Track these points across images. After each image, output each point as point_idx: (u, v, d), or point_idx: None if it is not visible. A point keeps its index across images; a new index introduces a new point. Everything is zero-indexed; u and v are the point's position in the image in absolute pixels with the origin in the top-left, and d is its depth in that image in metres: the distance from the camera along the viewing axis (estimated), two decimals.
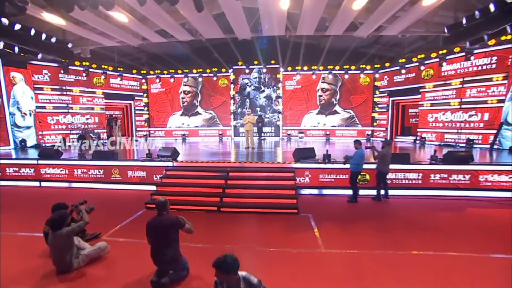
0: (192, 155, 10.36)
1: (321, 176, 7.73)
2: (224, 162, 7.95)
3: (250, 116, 11.04)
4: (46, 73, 13.13)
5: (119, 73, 15.74)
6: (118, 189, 8.31)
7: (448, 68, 12.25)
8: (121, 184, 8.34)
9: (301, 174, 7.68)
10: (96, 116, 15.02)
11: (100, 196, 7.79)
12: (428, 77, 13.68)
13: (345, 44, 14.89)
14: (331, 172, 7.69)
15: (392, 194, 7.36)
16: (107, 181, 8.43)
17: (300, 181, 7.56)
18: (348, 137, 16.27)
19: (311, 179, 7.75)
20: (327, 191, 7.72)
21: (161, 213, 3.71)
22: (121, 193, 8.05)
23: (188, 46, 16.04)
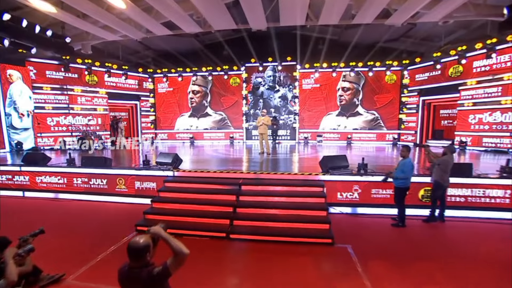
0: (198, 162, 8.88)
1: (355, 191, 6.08)
2: (235, 172, 6.41)
3: (264, 117, 9.49)
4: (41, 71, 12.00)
5: (124, 72, 14.54)
6: (109, 202, 6.91)
7: (487, 62, 10.32)
8: (113, 196, 6.94)
9: (331, 189, 6.04)
10: (99, 117, 13.84)
11: (85, 211, 6.42)
12: (456, 75, 11.79)
13: (368, 38, 13.18)
14: (369, 187, 6.02)
15: (448, 216, 5.62)
16: (97, 192, 7.06)
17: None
18: (371, 141, 14.47)
19: (342, 195, 6.11)
20: (363, 210, 6.05)
21: (139, 263, 2.10)
22: (111, 207, 6.64)
23: (197, 43, 14.72)
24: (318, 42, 14.45)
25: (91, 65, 12.92)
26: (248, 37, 14.24)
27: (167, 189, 6.14)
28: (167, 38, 13.27)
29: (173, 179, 6.46)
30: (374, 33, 12.67)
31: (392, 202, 5.87)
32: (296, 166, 7.74)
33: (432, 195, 5.47)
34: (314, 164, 7.78)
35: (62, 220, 5.87)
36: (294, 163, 8.36)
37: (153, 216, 5.41)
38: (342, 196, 6.09)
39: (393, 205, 5.79)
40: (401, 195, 5.17)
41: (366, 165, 6.21)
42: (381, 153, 10.75)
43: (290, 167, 7.68)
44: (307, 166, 7.68)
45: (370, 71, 13.94)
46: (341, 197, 6.08)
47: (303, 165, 7.91)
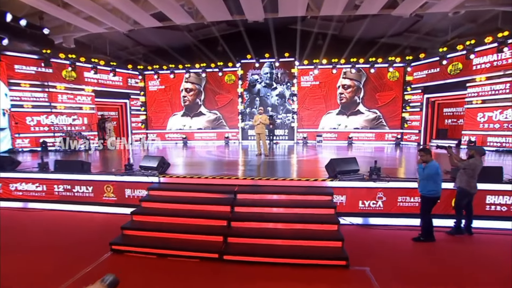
0: (189, 165, 7.99)
1: (367, 198, 5.28)
2: (230, 178, 5.55)
3: (262, 116, 8.65)
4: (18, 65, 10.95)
5: (112, 68, 13.55)
6: (86, 212, 6.00)
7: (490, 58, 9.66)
8: (90, 206, 6.03)
9: (340, 196, 5.24)
10: (85, 117, 12.83)
11: (57, 223, 5.50)
12: (455, 72, 11.18)
13: (370, 33, 12.43)
14: (384, 194, 5.23)
15: (476, 227, 4.86)
16: (73, 201, 6.15)
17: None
18: (373, 141, 13.74)
19: (352, 203, 5.31)
20: (376, 220, 5.26)
21: None
22: (88, 218, 5.73)
23: (190, 38, 13.80)
24: (317, 38, 13.69)
25: (75, 60, 11.91)
26: (243, 32, 13.41)
27: (150, 199, 5.26)
28: (157, 33, 12.37)
29: (158, 187, 5.58)
30: (376, 27, 11.94)
31: (404, 211, 5.14)
32: (297, 170, 6.91)
33: (456, 204, 4.69)
34: (318, 167, 7.00)
35: (27, 235, 4.97)
36: (295, 166, 7.53)
37: (133, 232, 4.54)
38: (356, 205, 5.29)
39: (406, 215, 5.07)
40: (428, 206, 4.38)
41: (379, 169, 5.42)
42: (386, 154, 9.99)
43: (291, 171, 6.85)
44: (310, 170, 6.86)
45: (371, 68, 13.20)
46: (352, 206, 5.29)
47: (306, 168, 7.09)
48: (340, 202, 5.23)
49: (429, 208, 4.38)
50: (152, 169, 5.91)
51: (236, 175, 5.77)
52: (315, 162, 7.99)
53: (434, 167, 4.34)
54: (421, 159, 4.52)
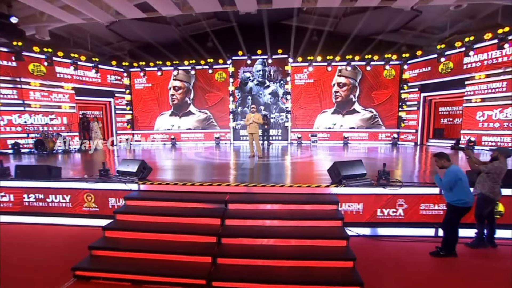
0: (174, 169, 7.20)
1: (377, 207, 4.66)
2: (220, 184, 4.82)
3: (254, 115, 7.95)
4: None
5: (94, 64, 12.56)
6: (61, 225, 5.15)
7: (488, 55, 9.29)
8: (57, 217, 5.18)
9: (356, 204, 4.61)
10: (65, 116, 11.81)
11: (16, 239, 4.62)
12: (446, 71, 10.88)
13: (366, 29, 11.94)
14: (394, 201, 4.62)
15: (499, 237, 4.30)
16: (45, 213, 5.28)
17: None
18: (369, 141, 13.26)
19: (360, 211, 4.68)
20: (386, 231, 4.64)
21: None
22: (53, 232, 4.88)
23: (178, 33, 12.97)
24: (311, 34, 13.11)
25: (52, 55, 10.87)
26: (235, 27, 12.69)
27: (127, 210, 4.47)
28: (143, 27, 11.51)
29: (137, 195, 4.79)
30: (372, 24, 11.44)
31: (422, 220, 4.55)
32: (295, 175, 6.23)
33: (478, 213, 4.11)
34: (317, 170, 6.36)
35: None
36: (292, 169, 6.86)
37: (103, 252, 3.75)
38: (358, 212, 4.65)
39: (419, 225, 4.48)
40: (456, 217, 3.77)
41: (389, 173, 4.80)
42: (385, 155, 9.45)
43: (288, 175, 6.16)
44: (309, 174, 6.20)
45: (367, 65, 12.69)
46: (357, 211, 4.65)
47: (304, 172, 6.42)
48: (356, 210, 4.60)
49: (457, 219, 3.77)
50: (131, 174, 5.12)
51: (227, 181, 5.04)
52: (313, 165, 7.34)
53: (453, 173, 3.74)
54: (437, 165, 3.92)
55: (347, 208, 4.65)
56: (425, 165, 7.50)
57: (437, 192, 4.54)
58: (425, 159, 8.69)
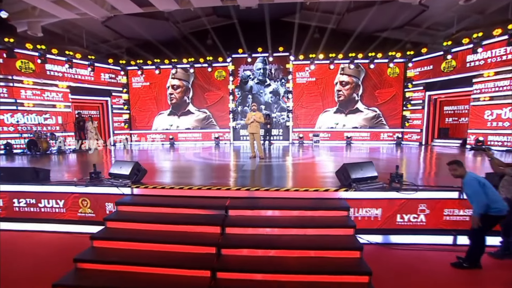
0: (171, 171, 6.82)
1: (389, 212, 4.29)
2: (220, 188, 4.44)
3: (255, 113, 7.58)
4: None
5: (90, 62, 12.16)
6: (38, 232, 4.76)
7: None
8: (43, 224, 4.79)
9: (356, 210, 4.24)
10: (59, 116, 11.41)
11: None
12: (449, 70, 10.57)
13: (370, 26, 11.57)
14: (411, 206, 4.25)
15: None
16: (21, 218, 4.89)
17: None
18: (373, 141, 12.90)
19: (375, 217, 4.31)
20: (399, 238, 4.26)
21: None
22: (40, 241, 4.49)
23: (176, 30, 12.59)
24: (313, 31, 12.74)
25: (45, 52, 10.47)
26: (235, 24, 12.34)
27: (118, 217, 4.08)
28: (141, 23, 11.13)
29: (130, 200, 4.41)
30: (376, 20, 11.07)
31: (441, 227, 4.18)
32: (299, 177, 5.85)
33: (505, 220, 3.73)
34: (322, 172, 5.98)
35: None
36: (296, 171, 6.48)
37: (90, 265, 3.36)
38: (375, 221, 4.28)
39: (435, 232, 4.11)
40: (487, 226, 3.38)
41: (402, 176, 4.43)
42: (392, 156, 9.09)
43: (291, 178, 5.79)
44: (314, 176, 5.82)
45: (371, 63, 12.34)
46: (369, 217, 4.28)
47: (309, 174, 6.04)
48: (368, 216, 4.24)
49: (487, 229, 3.39)
50: (124, 177, 4.73)
51: (227, 185, 4.66)
52: (318, 166, 6.97)
53: (475, 181, 3.36)
54: (453, 174, 3.55)
55: (358, 214, 4.28)
56: (437, 167, 7.13)
57: (455, 197, 4.18)
58: (434, 160, 8.31)
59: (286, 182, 5.12)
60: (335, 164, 7.13)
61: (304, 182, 5.00)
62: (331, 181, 4.87)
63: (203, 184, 4.72)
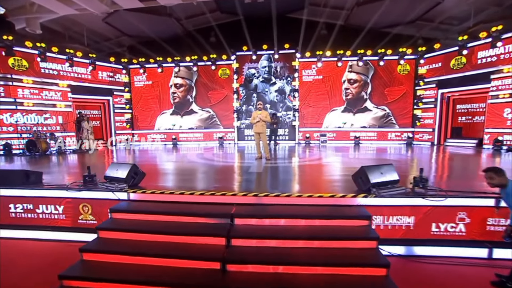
0: (172, 174, 6.41)
1: (413, 220, 3.82)
2: (224, 193, 4.01)
3: (261, 112, 7.15)
4: None
5: (91, 61, 11.86)
6: (27, 240, 4.37)
7: None
8: (32, 231, 4.41)
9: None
10: (60, 115, 11.11)
11: None
12: (458, 67, 10.02)
13: (379, 22, 11.06)
14: (440, 214, 3.77)
15: None
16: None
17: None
18: (382, 141, 12.39)
19: (394, 227, 3.85)
20: (424, 250, 3.79)
21: None
22: (28, 250, 4.10)
23: (179, 27, 12.22)
24: (321, 27, 12.25)
25: (45, 50, 10.17)
26: (239, 21, 11.91)
27: (112, 226, 3.68)
28: (142, 20, 10.78)
29: (126, 207, 4.01)
30: (388, 15, 10.55)
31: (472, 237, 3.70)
32: (311, 180, 5.38)
33: None
34: (335, 175, 5.52)
35: None
36: (306, 174, 6.02)
37: (78, 283, 2.96)
38: (398, 230, 3.82)
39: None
40: None
41: (426, 180, 3.96)
42: (405, 157, 8.59)
43: (302, 181, 5.33)
44: (327, 179, 5.36)
45: (380, 60, 11.81)
46: (385, 225, 3.82)
47: (320, 177, 5.58)
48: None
49: None
50: (120, 181, 4.34)
51: (232, 190, 4.23)
52: (329, 169, 6.50)
53: None
54: (489, 183, 3.03)
55: (378, 222, 3.82)
56: (460, 169, 6.63)
57: (491, 204, 3.69)
58: (453, 161, 7.78)
59: (296, 187, 4.68)
60: (346, 166, 6.66)
61: (316, 187, 4.55)
62: (346, 186, 4.42)
63: (206, 188, 4.30)
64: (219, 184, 4.77)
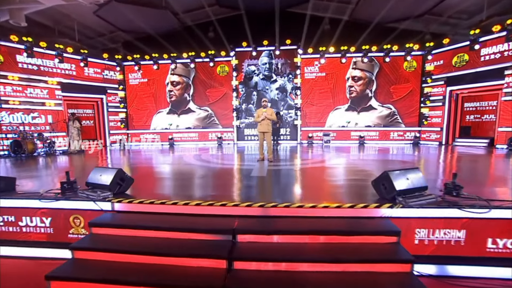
0: (165, 179, 5.79)
1: (447, 233, 3.24)
2: (224, 204, 3.39)
3: (267, 110, 6.55)
4: None
5: (83, 57, 11.20)
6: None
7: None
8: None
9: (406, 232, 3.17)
10: (50, 115, 10.44)
11: None
12: (461, 64, 9.55)
13: (385, 16, 10.49)
14: (477, 227, 3.18)
15: None
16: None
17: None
18: (388, 141, 11.84)
19: (423, 242, 3.26)
20: (461, 270, 3.20)
21: None
22: None
23: (176, 22, 11.59)
24: (324, 22, 11.67)
25: (32, 44, 9.50)
26: (238, 16, 11.31)
27: (90, 245, 3.05)
28: (136, 13, 10.13)
29: (110, 220, 3.38)
30: (395, 9, 9.99)
31: None
32: (321, 186, 4.78)
33: None
34: (347, 180, 4.91)
35: None
36: (314, 178, 5.41)
37: None
38: (428, 246, 3.23)
39: None
40: None
41: (460, 187, 3.38)
42: (417, 158, 8.02)
43: (312, 187, 4.73)
44: (338, 185, 4.76)
45: (386, 57, 11.25)
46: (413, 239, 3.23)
47: (330, 182, 4.98)
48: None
49: None
50: (103, 188, 3.72)
51: (234, 199, 3.62)
52: (338, 172, 5.90)
53: None
54: None
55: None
56: (483, 173, 6.05)
57: None
58: (473, 163, 7.19)
59: (306, 194, 4.08)
60: (357, 169, 6.08)
61: (328, 194, 3.96)
62: (362, 193, 3.84)
63: (203, 197, 3.69)
64: (218, 191, 4.15)
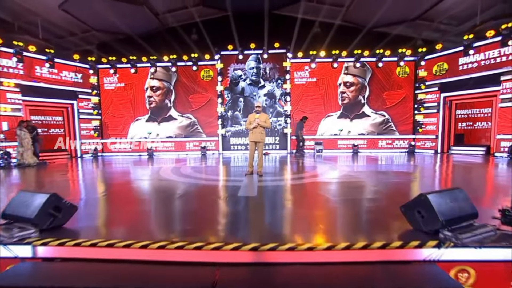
0: (125, 204, 4.60)
1: None
2: (200, 247, 2.30)
3: (260, 115, 5.57)
4: None
5: (48, 57, 9.87)
6: None
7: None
8: None
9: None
10: (4, 121, 8.96)
11: None
12: (440, 73, 9.25)
13: (377, 20, 9.98)
14: None
15: None
16: None
17: None
18: (382, 149, 11.17)
19: None
20: None
21: None
22: None
23: (157, 23, 10.57)
24: (314, 25, 11.02)
25: None
26: (224, 17, 10.47)
27: None
28: (108, 8, 9.02)
29: (27, 275, 2.20)
30: (387, 12, 9.48)
31: None
32: (329, 212, 3.77)
33: None
34: (359, 198, 3.93)
35: None
36: (317, 198, 4.41)
37: None
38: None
39: None
40: None
41: None
42: (420, 169, 7.27)
43: (319, 214, 3.71)
44: (351, 210, 3.79)
45: (379, 62, 10.71)
46: None
47: (341, 204, 4.02)
48: None
49: None
50: (26, 222, 2.54)
51: (215, 237, 2.55)
52: (344, 189, 4.94)
53: None
54: None
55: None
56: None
57: None
58: (490, 176, 6.49)
59: (314, 226, 3.05)
60: (363, 185, 5.16)
61: (343, 224, 2.97)
62: (383, 221, 2.88)
63: (170, 237, 2.58)
64: (193, 224, 3.01)
